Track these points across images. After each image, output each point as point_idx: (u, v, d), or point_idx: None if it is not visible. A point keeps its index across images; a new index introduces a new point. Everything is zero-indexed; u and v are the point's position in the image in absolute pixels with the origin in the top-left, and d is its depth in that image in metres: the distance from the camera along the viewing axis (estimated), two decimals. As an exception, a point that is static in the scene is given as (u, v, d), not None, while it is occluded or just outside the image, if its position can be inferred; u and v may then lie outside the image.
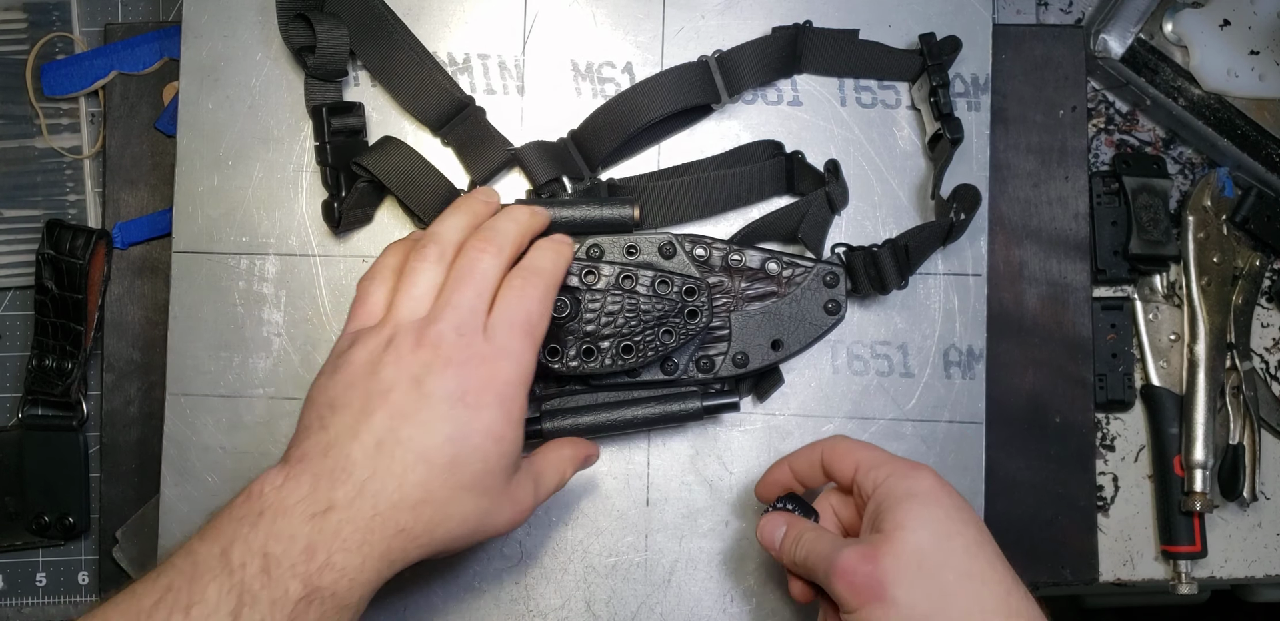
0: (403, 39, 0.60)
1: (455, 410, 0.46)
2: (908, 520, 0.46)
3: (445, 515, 0.46)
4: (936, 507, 0.47)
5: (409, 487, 0.45)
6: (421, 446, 0.45)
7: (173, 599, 0.41)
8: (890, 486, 0.48)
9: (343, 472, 0.44)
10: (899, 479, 0.48)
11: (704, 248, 0.57)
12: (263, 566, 0.42)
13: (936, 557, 0.45)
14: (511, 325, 0.48)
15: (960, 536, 0.46)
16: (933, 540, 0.46)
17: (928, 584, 0.45)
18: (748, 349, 0.57)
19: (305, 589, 0.42)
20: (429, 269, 0.49)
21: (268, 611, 0.41)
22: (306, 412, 0.47)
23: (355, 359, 0.48)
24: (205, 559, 0.42)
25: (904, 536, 0.46)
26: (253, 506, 0.44)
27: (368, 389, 0.46)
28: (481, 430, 0.46)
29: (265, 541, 0.42)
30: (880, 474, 0.49)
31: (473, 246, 0.50)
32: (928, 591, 0.45)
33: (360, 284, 0.51)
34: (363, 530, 0.44)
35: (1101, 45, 0.66)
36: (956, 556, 0.46)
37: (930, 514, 0.47)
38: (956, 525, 0.47)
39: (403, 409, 0.46)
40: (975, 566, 0.46)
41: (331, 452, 0.45)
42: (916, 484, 0.48)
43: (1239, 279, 0.66)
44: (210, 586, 0.41)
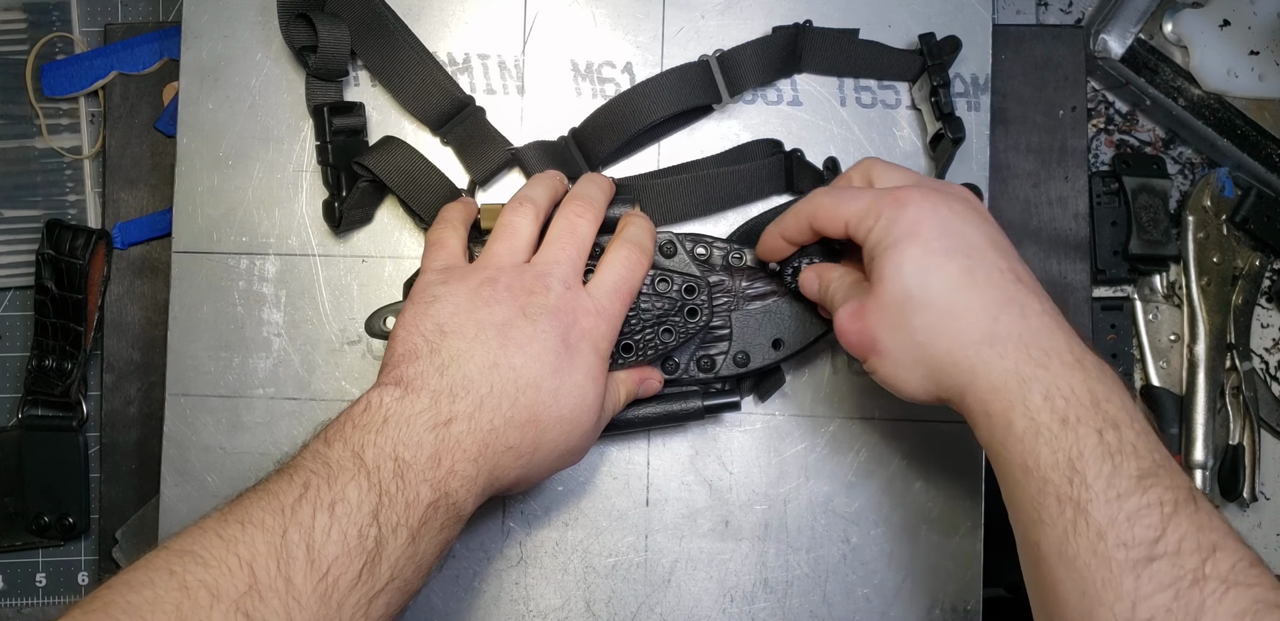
0: (403, 38, 0.60)
1: (561, 347, 0.49)
2: (886, 270, 0.46)
3: (545, 439, 0.49)
4: (915, 248, 0.46)
5: (520, 408, 0.48)
6: (533, 374, 0.48)
7: (314, 496, 0.42)
8: (876, 236, 0.47)
9: (462, 389, 0.47)
10: (883, 225, 0.47)
11: (704, 246, 0.57)
12: (396, 470, 0.44)
13: (916, 301, 0.45)
14: (616, 288, 0.52)
15: (940, 271, 0.45)
16: (912, 285, 0.45)
17: (911, 330, 0.45)
18: (748, 348, 0.57)
19: (435, 493, 0.45)
20: (527, 224, 0.53)
21: (403, 512, 0.43)
22: (408, 337, 0.49)
23: (458, 291, 0.50)
24: (339, 459, 0.44)
25: (884, 288, 0.46)
26: (374, 416, 0.46)
27: (478, 318, 0.49)
28: (583, 369, 0.50)
29: (395, 446, 0.45)
30: (867, 225, 0.48)
31: (571, 211, 0.54)
32: (912, 337, 0.45)
33: (432, 232, 0.55)
34: (480, 443, 0.46)
35: (1101, 45, 0.66)
36: (936, 295, 0.45)
37: (909, 257, 0.46)
38: (937, 260, 0.45)
39: (516, 339, 0.49)
40: (958, 300, 0.45)
41: (448, 371, 0.47)
42: (897, 225, 0.46)
43: (1239, 279, 0.66)
44: (350, 486, 0.43)
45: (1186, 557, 0.39)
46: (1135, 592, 0.39)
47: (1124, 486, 0.40)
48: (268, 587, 0.40)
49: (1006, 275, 0.46)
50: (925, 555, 0.59)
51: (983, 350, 0.44)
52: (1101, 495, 0.40)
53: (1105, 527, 0.40)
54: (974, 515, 0.59)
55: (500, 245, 0.52)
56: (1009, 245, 0.48)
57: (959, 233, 0.46)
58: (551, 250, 0.52)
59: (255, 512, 0.42)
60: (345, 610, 0.41)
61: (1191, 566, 0.38)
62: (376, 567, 0.43)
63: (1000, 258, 0.46)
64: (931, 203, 0.47)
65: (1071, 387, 0.42)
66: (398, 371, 0.48)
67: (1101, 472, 0.41)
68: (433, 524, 0.45)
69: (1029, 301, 0.45)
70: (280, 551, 0.41)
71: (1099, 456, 0.41)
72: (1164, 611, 0.38)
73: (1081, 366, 0.43)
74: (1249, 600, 0.38)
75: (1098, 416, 0.42)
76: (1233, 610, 0.38)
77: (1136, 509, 0.40)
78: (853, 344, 0.48)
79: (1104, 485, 0.40)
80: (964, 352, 0.44)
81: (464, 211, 0.57)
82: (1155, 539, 0.39)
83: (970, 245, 0.46)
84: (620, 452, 0.60)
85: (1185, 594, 0.38)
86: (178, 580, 0.39)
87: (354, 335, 0.60)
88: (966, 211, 0.48)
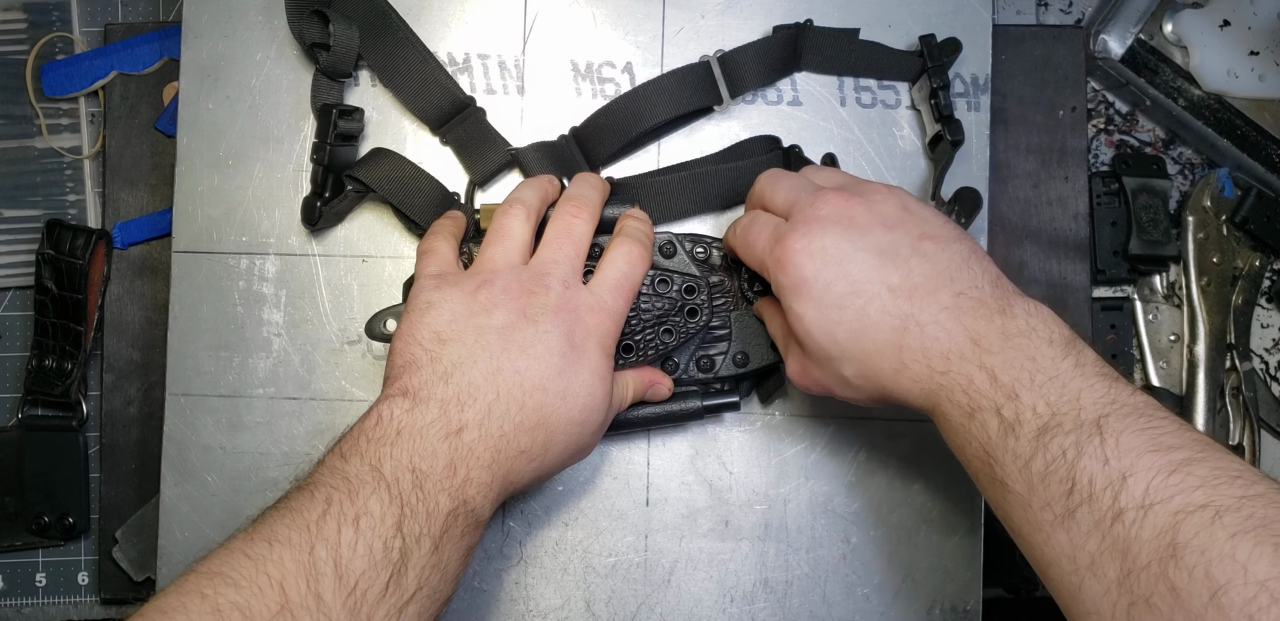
0: (406, 37, 0.60)
1: (565, 348, 0.49)
2: (798, 331, 0.49)
3: (555, 440, 0.49)
4: (809, 309, 0.47)
5: (529, 411, 0.48)
6: (538, 376, 0.48)
7: (337, 511, 0.43)
8: (776, 289, 0.50)
9: (468, 396, 0.47)
10: (776, 283, 0.49)
11: (704, 246, 0.57)
12: (414, 481, 0.44)
13: (835, 358, 0.48)
14: (618, 285, 0.52)
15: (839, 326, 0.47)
16: (824, 344, 0.48)
17: (847, 379, 0.48)
18: (748, 348, 0.57)
19: (453, 502, 0.45)
20: (520, 225, 0.53)
21: (425, 522, 0.44)
22: (405, 349, 0.49)
23: (453, 296, 0.50)
24: (358, 474, 0.44)
25: (807, 348, 0.49)
26: (387, 429, 0.46)
27: (477, 323, 0.49)
28: (589, 367, 0.50)
29: (411, 458, 0.45)
30: (767, 271, 0.50)
31: (567, 211, 0.54)
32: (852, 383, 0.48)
33: (423, 242, 0.55)
34: (492, 449, 0.47)
35: (1101, 46, 0.66)
36: (846, 348, 0.47)
37: (809, 320, 0.48)
38: (832, 315, 0.47)
39: (518, 342, 0.48)
40: (866, 345, 0.47)
41: (452, 379, 0.47)
42: (786, 289, 0.48)
43: (1239, 279, 0.66)
44: (371, 499, 0.43)
45: (1099, 498, 0.39)
46: (1070, 544, 0.40)
47: (1026, 452, 0.42)
48: (299, 606, 0.40)
49: (899, 293, 0.46)
50: (925, 555, 0.59)
51: (901, 380, 0.46)
52: (1011, 467, 0.42)
53: (1026, 495, 0.42)
54: (974, 515, 0.59)
55: (494, 248, 0.52)
56: (908, 229, 0.48)
57: (840, 271, 0.47)
58: (548, 250, 0.52)
59: (281, 530, 0.42)
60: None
61: (1107, 504, 0.39)
62: (403, 578, 0.43)
63: (893, 268, 0.47)
64: (806, 251, 0.48)
65: (970, 378, 0.44)
66: (401, 382, 0.48)
67: (1007, 447, 0.42)
68: (454, 531, 0.45)
69: (924, 307, 0.46)
70: (309, 568, 0.41)
71: (1001, 434, 0.43)
72: (1097, 555, 0.39)
73: (979, 345, 0.44)
74: (1167, 515, 0.37)
75: (997, 393, 0.43)
76: (1153, 533, 0.37)
77: (1044, 468, 0.41)
78: (812, 392, 0.51)
79: (1010, 457, 0.42)
80: (891, 385, 0.47)
81: (453, 224, 0.57)
82: (1068, 491, 0.40)
83: (854, 280, 0.47)
84: (620, 452, 0.60)
85: (1110, 532, 0.39)
86: (210, 603, 0.39)
87: (354, 335, 0.60)
88: (842, 234, 0.48)
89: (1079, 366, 0.43)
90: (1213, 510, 0.37)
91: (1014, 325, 0.45)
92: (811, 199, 0.50)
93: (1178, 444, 0.39)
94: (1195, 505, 0.37)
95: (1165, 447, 0.39)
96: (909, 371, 0.46)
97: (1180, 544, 0.37)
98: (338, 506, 0.43)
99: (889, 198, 0.49)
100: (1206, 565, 0.36)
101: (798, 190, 0.51)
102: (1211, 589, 0.35)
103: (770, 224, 0.51)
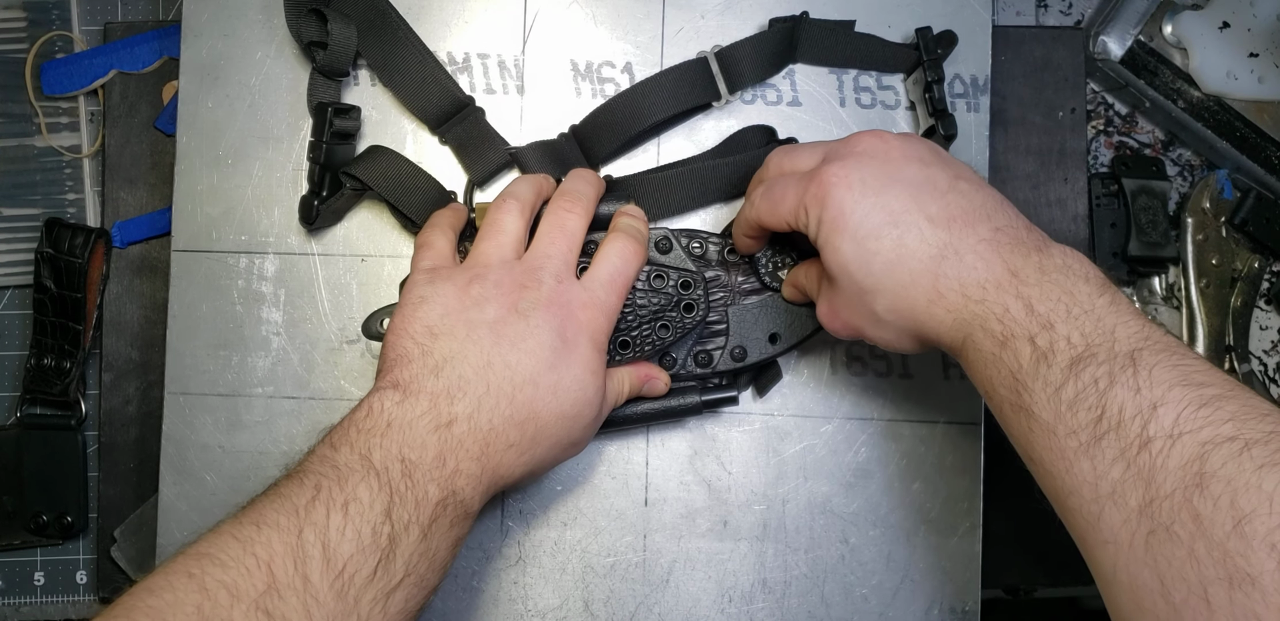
0: (405, 36, 0.60)
1: (556, 342, 0.49)
2: (832, 266, 0.48)
3: (545, 435, 0.49)
4: (845, 241, 0.47)
5: (518, 405, 0.48)
6: (529, 370, 0.48)
7: (326, 496, 0.43)
8: (812, 230, 0.49)
9: (458, 390, 0.47)
10: (813, 221, 0.49)
11: (700, 242, 0.57)
12: (404, 470, 0.45)
13: (869, 291, 0.47)
14: (611, 280, 0.52)
15: (875, 256, 0.47)
16: (858, 277, 0.47)
17: (878, 314, 0.48)
18: (745, 343, 0.57)
19: (442, 492, 0.45)
20: (513, 220, 0.53)
21: (413, 510, 0.44)
22: (397, 342, 0.49)
23: (445, 290, 0.50)
24: (347, 462, 0.45)
25: (839, 284, 0.49)
26: (377, 420, 0.46)
27: (469, 318, 0.49)
28: (581, 362, 0.50)
29: (400, 448, 0.45)
30: (802, 220, 0.50)
31: (561, 206, 0.54)
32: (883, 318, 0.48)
33: (421, 236, 0.55)
34: (481, 442, 0.47)
35: (1101, 47, 0.66)
36: (881, 279, 0.47)
37: (844, 252, 0.47)
38: (869, 246, 0.47)
39: (509, 336, 0.49)
40: (901, 276, 0.46)
41: (443, 373, 0.48)
42: (824, 222, 0.48)
43: (1238, 281, 0.66)
44: (360, 486, 0.44)
45: (1128, 426, 0.39)
46: (1094, 472, 0.40)
47: (1057, 379, 0.42)
48: (286, 586, 0.40)
49: (938, 223, 0.46)
50: (923, 555, 0.59)
51: (934, 311, 0.46)
52: (1040, 394, 0.42)
53: (1053, 423, 0.42)
54: (972, 516, 0.59)
55: (487, 243, 0.52)
56: (943, 168, 0.48)
57: (878, 201, 0.47)
58: (541, 245, 0.52)
59: (269, 514, 0.43)
60: (363, 605, 0.42)
61: (1135, 433, 0.39)
62: (391, 564, 0.43)
63: (930, 200, 0.47)
64: (844, 182, 0.48)
65: (1006, 307, 0.44)
66: (392, 375, 0.48)
67: (1038, 374, 0.42)
68: (442, 521, 0.46)
69: (963, 237, 0.46)
70: (297, 550, 0.41)
71: (1033, 362, 0.43)
72: (1120, 483, 0.39)
73: (1016, 277, 0.44)
74: (1195, 445, 0.38)
75: (1033, 323, 0.43)
76: (1180, 462, 0.38)
77: (1074, 396, 0.41)
78: (841, 335, 0.51)
79: (1040, 384, 0.42)
80: (924, 317, 0.46)
81: (452, 217, 0.57)
82: (1097, 418, 0.40)
83: (893, 210, 0.47)
84: (619, 452, 0.60)
85: (1135, 461, 0.39)
86: (197, 582, 0.40)
87: (353, 334, 0.60)
88: (879, 167, 0.48)
89: (1114, 304, 0.43)
90: (1241, 442, 0.37)
91: (1051, 262, 0.45)
92: (844, 141, 0.50)
93: (1208, 381, 0.40)
94: (1224, 437, 0.37)
95: (1196, 383, 0.39)
96: (944, 301, 0.45)
97: (1207, 473, 0.37)
98: (326, 492, 0.43)
99: (920, 140, 0.50)
100: (1232, 494, 0.36)
101: (823, 143, 0.52)
102: (1236, 517, 0.35)
103: (795, 178, 0.50)
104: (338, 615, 0.41)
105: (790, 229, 0.51)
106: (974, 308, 0.45)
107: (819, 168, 0.49)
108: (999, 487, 0.62)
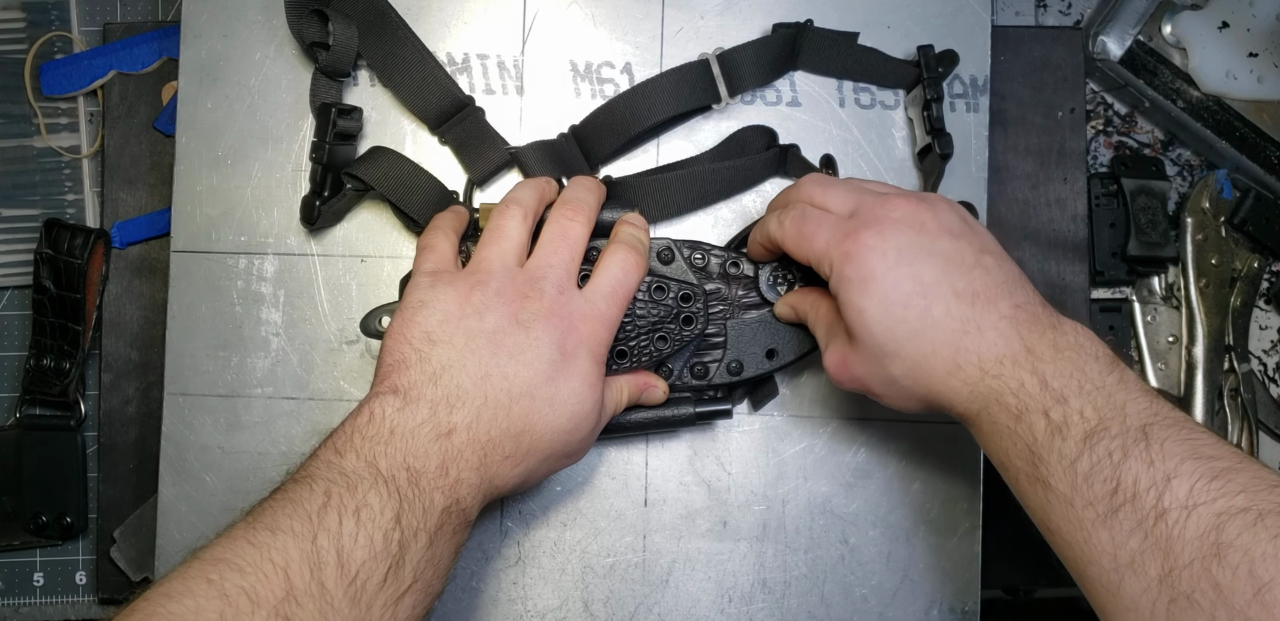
0: (405, 36, 0.60)
1: (555, 355, 0.49)
2: (854, 324, 0.48)
3: (540, 447, 0.49)
4: (872, 304, 0.48)
5: (514, 418, 0.48)
6: (526, 382, 0.48)
7: (338, 503, 0.43)
8: (835, 282, 0.49)
9: (457, 399, 0.47)
10: (838, 275, 0.49)
11: (702, 254, 0.57)
12: (409, 478, 0.45)
13: (889, 355, 0.48)
14: (612, 292, 0.52)
15: (901, 324, 0.47)
16: (881, 341, 0.48)
17: (892, 377, 0.48)
18: (742, 357, 0.57)
19: (447, 500, 0.46)
20: (516, 227, 0.53)
21: (421, 517, 0.45)
22: (396, 347, 0.49)
23: (446, 296, 0.50)
24: (355, 469, 0.45)
25: (857, 341, 0.49)
26: (380, 427, 0.47)
27: (468, 326, 0.49)
28: (579, 375, 0.50)
29: (404, 457, 0.46)
30: (825, 269, 0.50)
31: (563, 215, 0.53)
32: (897, 382, 0.49)
33: (423, 238, 0.55)
34: (479, 452, 0.47)
35: (1100, 47, 0.66)
36: (904, 345, 0.47)
37: (870, 316, 0.48)
38: (896, 312, 0.47)
39: (508, 347, 0.49)
40: (923, 345, 0.47)
41: (441, 381, 0.48)
42: (851, 280, 0.48)
43: (1237, 281, 0.66)
44: (370, 493, 0.44)
45: (1143, 497, 0.41)
46: (1112, 542, 0.41)
47: (1072, 452, 0.43)
48: (303, 592, 0.41)
49: (963, 298, 0.47)
50: (923, 556, 0.59)
51: (951, 382, 0.47)
52: (1056, 466, 0.43)
53: (1070, 494, 0.43)
54: (972, 516, 0.59)
55: (490, 249, 0.52)
56: (970, 241, 0.49)
57: (910, 270, 0.48)
58: (543, 254, 0.52)
59: (283, 520, 0.43)
60: (375, 611, 0.42)
61: (1150, 504, 0.40)
62: (401, 570, 0.44)
63: (959, 274, 0.48)
64: (879, 249, 0.48)
65: (1021, 382, 0.45)
66: (391, 380, 0.48)
67: (1053, 448, 0.44)
68: (446, 529, 0.46)
69: (985, 313, 0.47)
70: (312, 557, 0.42)
71: (1048, 435, 0.44)
72: (1139, 553, 0.40)
73: (1033, 354, 0.46)
74: (1210, 516, 0.39)
75: (1047, 397, 0.45)
76: (1197, 532, 0.39)
77: (1089, 469, 0.42)
78: (846, 387, 0.52)
79: (1056, 458, 0.43)
80: (940, 386, 0.47)
81: (454, 219, 0.57)
82: (1113, 490, 0.41)
83: (923, 281, 0.47)
84: (619, 453, 0.60)
85: (1153, 531, 0.40)
86: (216, 588, 0.40)
87: (352, 335, 0.60)
88: (914, 238, 0.48)
89: (1123, 381, 0.45)
90: (1255, 513, 0.39)
91: (1064, 340, 0.46)
92: (881, 201, 0.50)
93: (1218, 454, 0.41)
94: (1238, 508, 0.39)
95: (1207, 456, 0.41)
96: (962, 373, 0.47)
97: (1224, 543, 0.38)
98: (338, 499, 0.43)
99: (951, 209, 0.51)
100: (1250, 564, 0.37)
101: (859, 193, 0.52)
102: (1255, 586, 0.37)
103: (830, 220, 0.51)
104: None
105: (808, 263, 0.52)
106: (990, 382, 0.46)
107: (854, 228, 0.49)
108: (999, 487, 0.61)
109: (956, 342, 0.47)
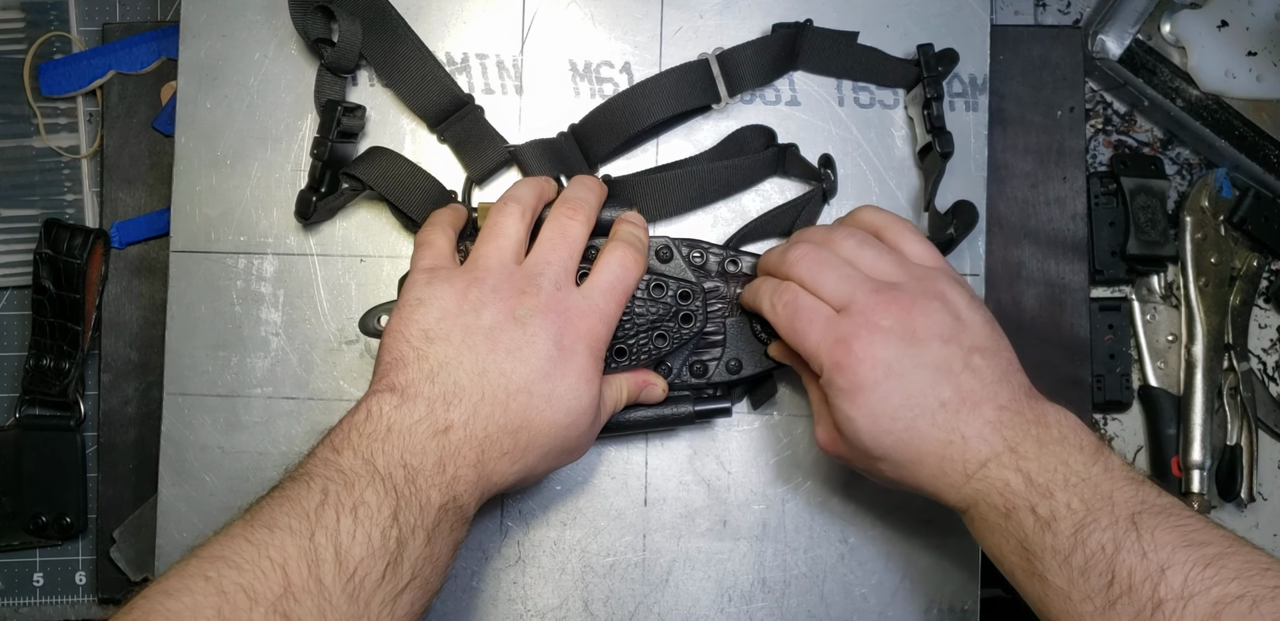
0: (405, 34, 0.60)
1: (553, 351, 0.49)
2: (843, 427, 0.49)
3: (538, 443, 0.49)
4: (861, 415, 0.48)
5: (512, 414, 0.48)
6: (523, 379, 0.48)
7: (335, 500, 0.44)
8: (825, 381, 0.50)
9: (454, 397, 0.48)
10: (827, 379, 0.50)
11: (701, 252, 0.57)
12: (406, 476, 0.45)
13: (876, 458, 0.49)
14: (611, 288, 0.52)
15: (888, 435, 0.48)
16: (869, 446, 0.49)
17: (880, 471, 0.50)
18: (741, 355, 0.57)
19: (444, 497, 0.46)
20: (514, 224, 0.53)
21: (418, 515, 0.45)
22: (394, 345, 0.49)
23: (444, 293, 0.50)
24: (352, 467, 0.45)
25: (847, 439, 0.50)
26: (377, 424, 0.47)
27: (465, 323, 0.49)
28: (577, 371, 0.49)
29: (402, 454, 0.46)
30: (815, 368, 0.51)
31: (563, 214, 0.53)
32: (884, 475, 0.50)
33: (420, 234, 0.55)
34: (477, 449, 0.47)
35: (1099, 46, 0.66)
36: (891, 451, 0.49)
37: (859, 425, 0.49)
38: (883, 424, 0.48)
39: (505, 343, 0.49)
40: (910, 453, 0.48)
41: (438, 378, 0.48)
42: (841, 390, 0.49)
43: (1236, 280, 0.66)
44: (368, 490, 0.44)
45: (1139, 589, 0.41)
46: None
47: (1065, 547, 0.44)
48: (301, 589, 0.41)
49: (949, 407, 0.48)
50: (923, 555, 0.59)
51: (938, 483, 0.48)
52: (1051, 563, 0.44)
53: (1067, 589, 0.44)
54: (972, 515, 0.59)
55: (488, 246, 0.52)
56: (960, 343, 0.49)
57: (898, 385, 0.48)
58: (542, 251, 0.52)
59: (280, 517, 0.43)
60: (373, 608, 0.43)
61: (1146, 596, 0.41)
62: (399, 567, 0.44)
63: (945, 383, 0.48)
64: (869, 362, 0.48)
65: (1006, 481, 0.46)
66: (389, 378, 0.48)
67: (1045, 544, 0.45)
68: (444, 526, 0.46)
69: (970, 422, 0.48)
70: (310, 554, 0.42)
71: (1038, 530, 0.45)
72: None
73: (1016, 453, 0.47)
74: (1207, 605, 0.40)
75: (1032, 493, 0.46)
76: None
77: (1084, 563, 0.43)
78: (839, 461, 0.53)
79: (1050, 554, 0.44)
80: (928, 486, 0.49)
81: (453, 216, 0.57)
82: (1108, 583, 0.42)
83: (910, 394, 0.48)
84: (618, 452, 0.60)
85: None
86: (214, 585, 0.40)
87: (352, 334, 0.60)
88: (904, 349, 0.48)
89: (1108, 471, 0.45)
90: (1250, 600, 0.39)
91: (1048, 434, 0.47)
92: (872, 301, 0.49)
93: (1208, 539, 0.42)
94: (1233, 595, 0.40)
95: (1197, 543, 0.42)
96: (947, 478, 0.48)
97: None
98: (335, 496, 0.44)
99: (943, 307, 0.50)
100: None
101: (851, 283, 0.50)
102: None
103: (821, 318, 0.50)
104: (350, 618, 0.42)
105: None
106: (976, 484, 0.47)
107: (845, 336, 0.49)
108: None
109: (941, 452, 0.48)
